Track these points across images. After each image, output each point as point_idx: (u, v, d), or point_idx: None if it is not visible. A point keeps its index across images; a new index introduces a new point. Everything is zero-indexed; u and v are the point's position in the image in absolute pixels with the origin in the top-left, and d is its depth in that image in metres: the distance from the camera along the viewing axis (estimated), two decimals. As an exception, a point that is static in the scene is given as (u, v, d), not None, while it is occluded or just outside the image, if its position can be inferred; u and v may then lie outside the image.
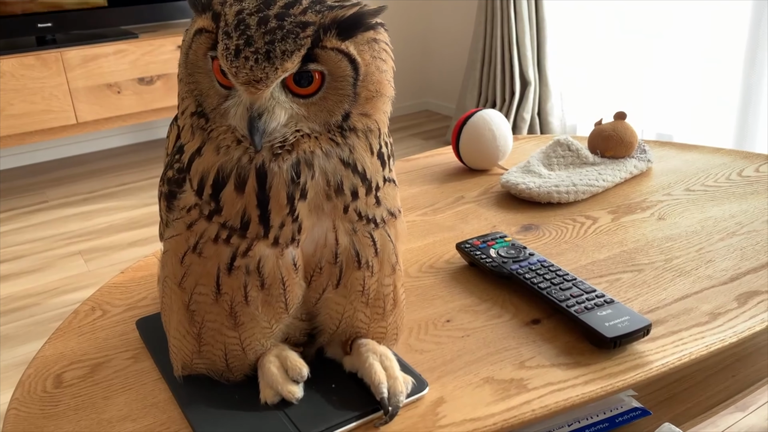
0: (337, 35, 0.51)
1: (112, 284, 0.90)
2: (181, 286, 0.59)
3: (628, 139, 1.13)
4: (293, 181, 0.54)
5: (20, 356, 1.74)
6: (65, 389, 0.68)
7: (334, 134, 0.54)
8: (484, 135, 1.18)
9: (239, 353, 0.61)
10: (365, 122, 0.55)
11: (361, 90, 0.54)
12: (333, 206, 0.56)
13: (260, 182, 0.53)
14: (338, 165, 0.55)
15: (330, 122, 0.54)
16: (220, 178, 0.54)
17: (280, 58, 0.49)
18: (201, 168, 0.55)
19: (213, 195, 0.54)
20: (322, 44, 0.51)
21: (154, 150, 3.47)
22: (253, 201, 0.54)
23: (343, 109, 0.54)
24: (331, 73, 0.52)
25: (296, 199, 0.54)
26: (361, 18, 0.52)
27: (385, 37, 0.55)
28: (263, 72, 0.49)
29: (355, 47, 0.52)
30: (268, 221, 0.55)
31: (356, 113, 0.54)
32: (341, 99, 0.53)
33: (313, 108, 0.53)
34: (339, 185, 0.56)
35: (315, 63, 0.51)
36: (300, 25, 0.50)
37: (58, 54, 2.87)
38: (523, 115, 3.03)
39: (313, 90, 0.52)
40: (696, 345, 0.68)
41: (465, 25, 3.43)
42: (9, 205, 2.83)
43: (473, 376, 0.66)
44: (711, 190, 1.07)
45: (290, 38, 0.49)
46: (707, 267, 0.84)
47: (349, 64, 0.52)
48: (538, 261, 0.81)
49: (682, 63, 2.58)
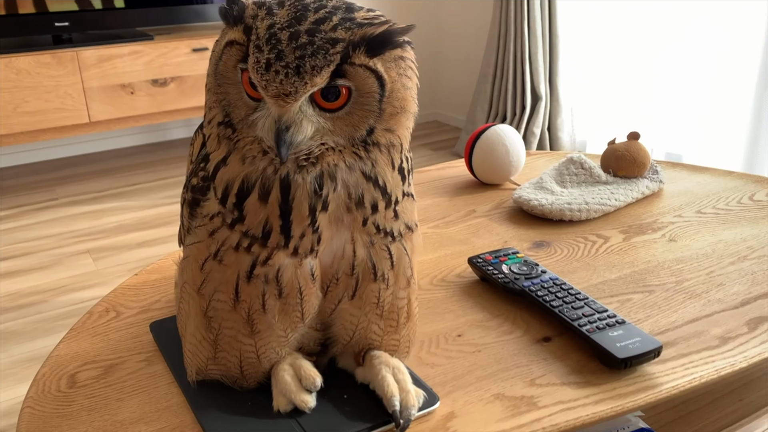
0: (366, 52, 0.52)
1: (125, 286, 0.91)
2: (200, 292, 0.60)
3: (641, 159, 1.14)
4: (316, 193, 0.55)
5: (27, 353, 1.75)
6: (79, 389, 0.69)
7: (357, 148, 0.55)
8: (497, 150, 1.18)
9: (254, 360, 0.62)
10: (388, 137, 0.56)
11: (386, 106, 0.55)
12: (353, 219, 0.57)
13: (284, 193, 0.54)
14: (360, 178, 0.56)
15: (354, 137, 0.55)
16: (244, 188, 0.55)
17: (309, 73, 0.50)
18: (226, 177, 0.56)
19: (237, 204, 0.55)
20: (351, 61, 0.52)
21: (165, 151, 3.49)
22: (275, 211, 0.55)
23: (368, 124, 0.55)
24: (358, 89, 0.53)
25: (318, 211, 0.55)
26: (390, 36, 0.53)
27: (411, 55, 0.56)
28: (293, 86, 0.50)
29: (382, 64, 0.53)
30: (289, 231, 0.55)
31: (380, 128, 0.55)
32: (366, 114, 0.54)
33: (339, 122, 0.54)
34: (360, 198, 0.56)
35: (343, 78, 0.52)
36: (330, 41, 0.50)
37: (74, 53, 2.89)
38: (533, 130, 3.04)
39: (340, 104, 0.53)
40: (706, 369, 0.69)
41: (478, 38, 3.44)
42: (19, 202, 2.84)
43: (484, 392, 0.66)
44: (722, 213, 1.07)
45: (320, 54, 0.50)
46: (718, 290, 0.84)
47: (376, 80, 0.53)
48: (550, 278, 0.81)
49: (694, 82, 2.58)
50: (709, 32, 2.49)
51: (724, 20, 2.42)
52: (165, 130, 3.67)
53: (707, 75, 2.54)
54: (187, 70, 3.11)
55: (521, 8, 2.94)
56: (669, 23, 2.61)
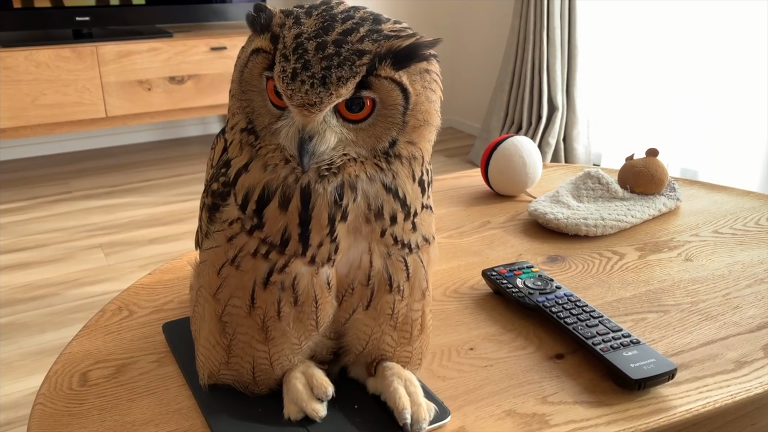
0: (392, 65, 0.52)
1: (139, 285, 0.91)
2: (216, 296, 0.60)
3: (658, 176, 1.13)
4: (336, 203, 0.54)
5: (37, 345, 1.76)
6: (91, 388, 0.69)
7: (379, 159, 0.55)
8: (514, 161, 1.18)
9: (267, 367, 0.62)
10: (410, 150, 0.56)
11: (410, 119, 0.54)
12: (371, 229, 0.57)
13: (304, 202, 0.54)
14: (380, 190, 0.56)
15: (377, 148, 0.55)
16: (265, 195, 0.55)
17: (335, 84, 0.50)
18: (247, 183, 0.56)
19: (256, 211, 0.55)
20: (377, 73, 0.51)
21: (179, 148, 3.51)
22: (295, 219, 0.55)
23: (390, 136, 0.54)
24: (382, 101, 0.53)
25: (337, 221, 0.55)
26: (417, 49, 0.52)
27: (436, 68, 0.56)
28: (318, 96, 0.50)
29: (407, 77, 0.53)
30: (307, 240, 0.55)
31: (402, 141, 0.55)
32: (390, 126, 0.54)
33: (362, 133, 0.54)
34: (379, 209, 0.56)
35: (368, 90, 0.52)
36: (357, 53, 0.50)
37: (93, 48, 2.92)
38: (548, 140, 3.03)
39: (364, 116, 0.53)
40: (721, 393, 0.68)
41: (495, 46, 3.44)
42: (34, 193, 2.87)
43: (495, 408, 0.66)
44: (739, 234, 1.06)
45: (346, 65, 0.50)
46: (734, 313, 0.83)
47: (401, 93, 0.53)
48: (564, 295, 0.81)
49: (711, 98, 2.57)
50: (729, 48, 2.47)
51: (743, 36, 2.40)
52: (180, 127, 3.69)
53: (725, 91, 2.52)
54: (205, 68, 3.13)
55: (541, 18, 2.93)
56: (688, 39, 2.60)
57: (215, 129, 3.80)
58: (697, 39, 2.57)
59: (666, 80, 2.72)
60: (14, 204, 2.75)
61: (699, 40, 2.56)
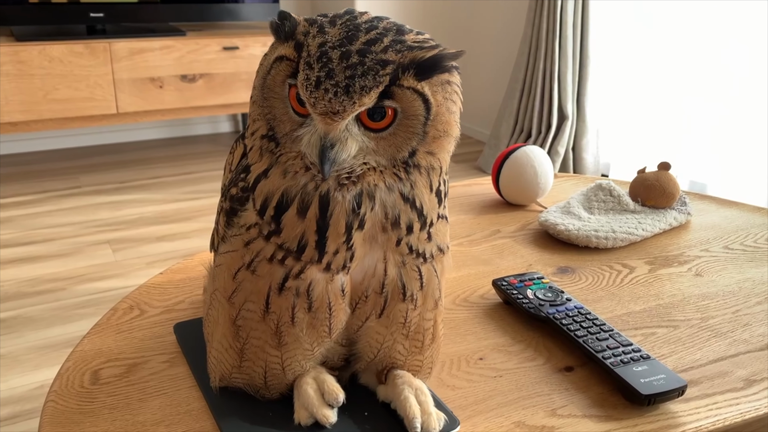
0: (415, 75, 0.52)
1: (150, 284, 0.92)
2: (231, 300, 0.60)
3: (670, 190, 1.13)
4: (354, 211, 0.55)
5: (43, 339, 1.77)
6: (102, 386, 0.70)
7: (398, 169, 0.55)
8: (526, 171, 1.18)
9: (279, 372, 0.62)
10: (429, 160, 0.56)
11: (430, 129, 0.55)
12: (387, 238, 0.57)
13: (322, 209, 0.55)
14: (398, 199, 0.56)
15: (396, 158, 0.55)
16: (284, 201, 0.55)
17: (358, 93, 0.50)
18: (266, 189, 0.56)
19: (275, 217, 0.56)
20: (399, 83, 0.52)
21: (189, 146, 3.52)
22: (312, 227, 0.55)
23: (411, 146, 0.55)
24: (403, 111, 0.53)
25: (354, 229, 0.55)
26: (440, 61, 0.53)
27: (457, 80, 0.56)
28: (341, 105, 0.50)
29: (429, 88, 0.53)
30: (323, 247, 0.56)
31: (422, 151, 0.55)
32: (410, 136, 0.54)
33: (383, 143, 0.54)
34: (396, 219, 0.56)
35: (390, 100, 0.52)
36: (380, 62, 0.51)
37: (107, 44, 2.93)
38: (557, 149, 3.03)
39: (385, 125, 0.54)
40: (730, 411, 0.68)
41: (507, 54, 3.44)
42: (43, 187, 2.88)
43: (504, 419, 0.66)
44: (750, 250, 1.06)
45: (370, 75, 0.50)
46: (744, 330, 0.83)
47: (423, 104, 0.53)
48: (575, 307, 0.81)
49: (722, 112, 2.56)
50: (740, 61, 2.47)
51: (755, 49, 2.40)
52: (190, 125, 3.70)
53: (736, 105, 2.52)
54: (217, 67, 3.14)
55: (554, 27, 2.93)
56: (699, 52, 2.59)
57: (225, 128, 3.81)
58: (708, 51, 2.56)
59: (676, 92, 2.72)
60: (24, 197, 2.76)
61: (710, 52, 2.56)
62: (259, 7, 3.31)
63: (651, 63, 2.79)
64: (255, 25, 3.41)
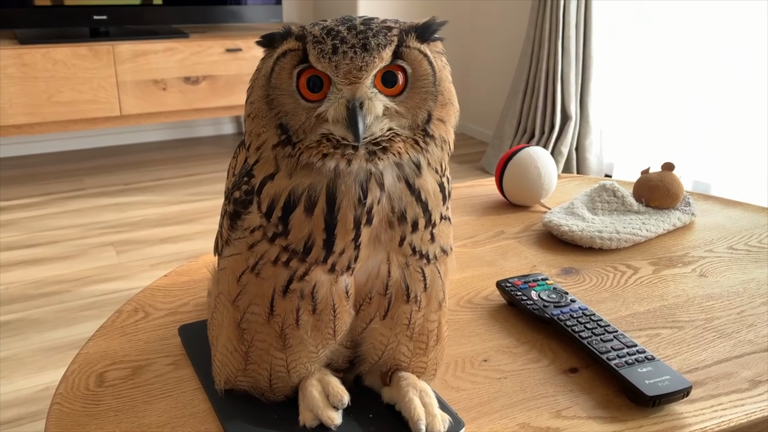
0: (416, 38, 0.55)
1: (155, 286, 0.92)
2: (235, 303, 0.60)
3: (674, 190, 1.13)
4: (360, 201, 0.55)
5: (48, 341, 1.77)
6: (107, 389, 0.70)
7: (419, 136, 0.56)
8: (529, 172, 1.18)
9: (284, 375, 0.62)
10: (441, 130, 0.58)
11: (438, 93, 0.57)
12: (391, 237, 0.57)
13: (329, 204, 0.55)
14: (404, 190, 0.56)
15: (417, 122, 0.56)
16: (291, 201, 0.55)
17: (376, 49, 0.52)
18: (272, 191, 0.56)
19: (282, 218, 0.56)
20: (406, 44, 0.55)
21: (192, 148, 3.53)
22: (320, 224, 0.55)
23: (426, 108, 0.56)
24: (414, 72, 0.56)
25: (362, 224, 0.55)
26: (434, 24, 0.56)
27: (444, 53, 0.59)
28: (363, 61, 0.52)
29: (430, 51, 0.56)
30: (331, 246, 0.56)
31: (436, 116, 0.57)
32: (425, 97, 0.56)
33: (402, 106, 0.56)
34: (403, 212, 0.57)
35: (402, 60, 0.55)
36: (385, 27, 0.54)
37: (110, 47, 2.94)
38: (560, 149, 3.03)
39: (399, 90, 0.55)
40: (736, 412, 0.68)
41: (510, 54, 3.44)
42: (48, 189, 2.89)
43: (509, 421, 0.66)
44: (754, 250, 1.06)
45: (381, 34, 0.53)
46: (749, 331, 0.83)
47: (429, 64, 0.56)
48: (579, 308, 0.81)
49: (725, 112, 2.56)
50: (743, 61, 2.46)
51: (757, 48, 2.39)
52: (194, 127, 3.71)
53: (739, 105, 2.51)
54: (220, 69, 3.15)
55: (556, 27, 2.93)
56: (702, 51, 2.59)
57: (228, 130, 3.82)
58: (711, 51, 2.56)
59: (679, 92, 2.72)
60: (28, 199, 2.77)
61: (713, 52, 2.55)
62: (262, 9, 3.32)
63: (654, 63, 2.79)
64: (258, 26, 3.42)
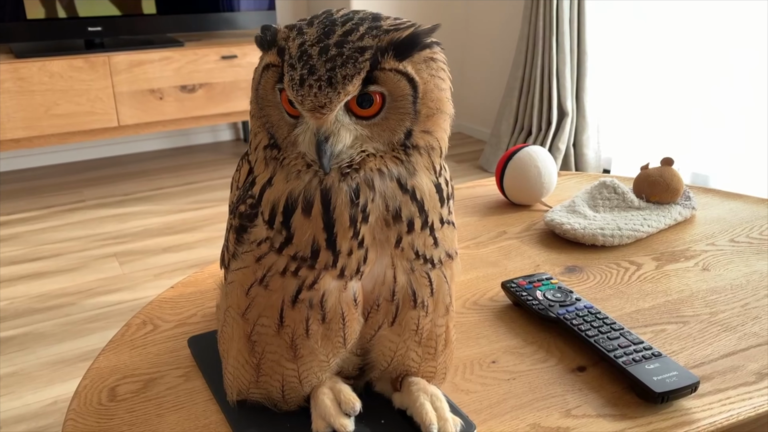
0: (395, 56, 0.53)
1: (162, 299, 0.92)
2: (245, 316, 0.61)
3: (674, 185, 1.14)
4: (352, 201, 0.55)
5: (55, 355, 1.78)
6: (120, 403, 0.70)
7: (397, 152, 0.56)
8: (529, 171, 1.19)
9: (296, 385, 0.63)
10: (427, 139, 0.57)
11: (421, 107, 0.55)
12: (389, 237, 0.57)
13: (325, 204, 0.55)
14: (396, 189, 0.56)
15: (393, 141, 0.56)
16: (289, 204, 0.56)
17: (341, 83, 0.51)
18: (272, 197, 0.57)
19: (284, 222, 0.56)
20: (381, 66, 0.53)
21: (191, 156, 3.53)
22: (319, 224, 0.55)
23: (404, 127, 0.56)
24: (391, 94, 0.54)
25: (359, 221, 0.56)
26: (416, 38, 0.54)
27: (442, 57, 0.57)
28: (326, 97, 0.52)
29: (412, 66, 0.54)
30: (335, 246, 0.56)
31: (418, 131, 0.56)
32: (402, 117, 0.55)
33: (376, 128, 0.55)
34: (397, 211, 0.57)
35: (375, 85, 0.53)
36: (358, 50, 0.52)
37: (105, 58, 2.94)
38: (558, 146, 3.04)
39: (375, 111, 0.55)
40: (743, 406, 0.68)
41: (505, 52, 3.45)
42: (48, 202, 2.89)
43: (520, 422, 0.66)
44: (756, 242, 1.06)
45: (350, 63, 0.52)
46: (753, 324, 0.84)
47: (408, 83, 0.54)
48: (585, 307, 0.81)
49: (722, 103, 2.57)
50: (738, 51, 2.47)
51: (753, 40, 2.40)
52: (192, 135, 3.71)
53: (736, 96, 2.52)
54: (216, 77, 3.15)
55: (550, 23, 2.94)
56: (697, 44, 2.60)
57: (226, 137, 3.82)
58: (706, 43, 2.57)
59: (675, 85, 2.72)
60: (29, 213, 2.77)
61: (708, 44, 2.56)
62: (256, 16, 3.33)
63: (648, 56, 2.80)
64: (252, 33, 3.42)
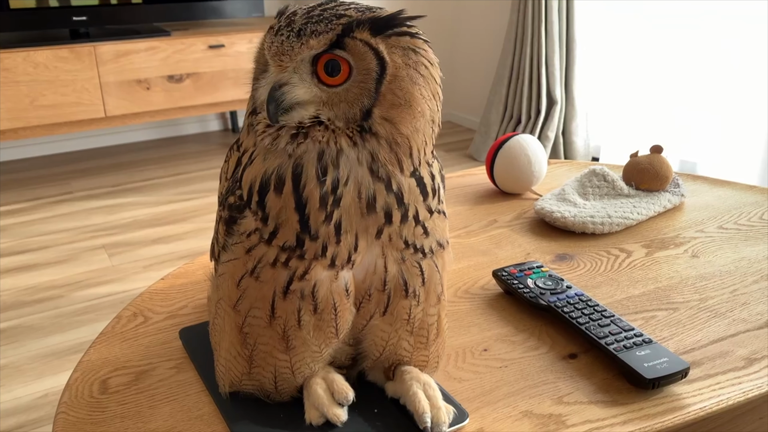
0: (369, 30, 0.54)
1: (152, 290, 0.92)
2: (236, 308, 0.60)
3: (663, 173, 1.14)
4: (319, 179, 0.55)
5: (44, 348, 1.77)
6: (111, 396, 0.70)
7: (352, 132, 0.55)
8: (519, 160, 1.19)
9: (288, 376, 0.63)
10: (389, 130, 0.55)
11: (386, 92, 0.55)
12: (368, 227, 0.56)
13: (295, 182, 0.55)
14: (367, 175, 0.55)
15: (348, 116, 0.55)
16: (263, 183, 0.56)
17: (308, 36, 0.53)
18: (250, 177, 0.57)
19: (259, 203, 0.56)
20: (353, 35, 0.53)
21: (179, 146, 3.51)
22: (291, 204, 0.55)
23: (362, 103, 0.55)
24: (356, 66, 0.54)
25: (329, 204, 0.55)
26: (394, 19, 0.55)
27: (429, 57, 0.56)
28: (290, 45, 0.53)
29: (385, 46, 0.54)
30: (308, 227, 0.55)
31: (378, 115, 0.55)
32: (362, 93, 0.55)
33: (335, 97, 0.55)
34: (370, 200, 0.56)
35: (342, 51, 0.54)
36: (337, 15, 0.54)
37: (91, 48, 2.91)
38: (547, 134, 3.04)
39: (340, 81, 0.55)
40: (733, 390, 0.69)
41: (493, 41, 3.44)
42: (35, 194, 2.87)
43: (512, 409, 0.67)
44: (744, 229, 1.07)
45: (323, 22, 0.54)
46: (742, 310, 0.84)
47: (376, 59, 0.54)
48: (575, 294, 0.82)
49: (710, 91, 2.58)
50: (726, 39, 2.48)
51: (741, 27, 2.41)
52: (180, 125, 3.69)
53: (724, 83, 2.53)
54: (203, 66, 3.13)
55: (539, 12, 2.93)
56: (685, 31, 2.60)
57: (214, 126, 3.80)
58: (694, 31, 2.57)
59: (664, 72, 2.73)
60: (16, 205, 2.75)
61: (696, 32, 2.57)
62: (243, 4, 3.30)
63: (637, 44, 2.80)
64: (240, 22, 3.40)
